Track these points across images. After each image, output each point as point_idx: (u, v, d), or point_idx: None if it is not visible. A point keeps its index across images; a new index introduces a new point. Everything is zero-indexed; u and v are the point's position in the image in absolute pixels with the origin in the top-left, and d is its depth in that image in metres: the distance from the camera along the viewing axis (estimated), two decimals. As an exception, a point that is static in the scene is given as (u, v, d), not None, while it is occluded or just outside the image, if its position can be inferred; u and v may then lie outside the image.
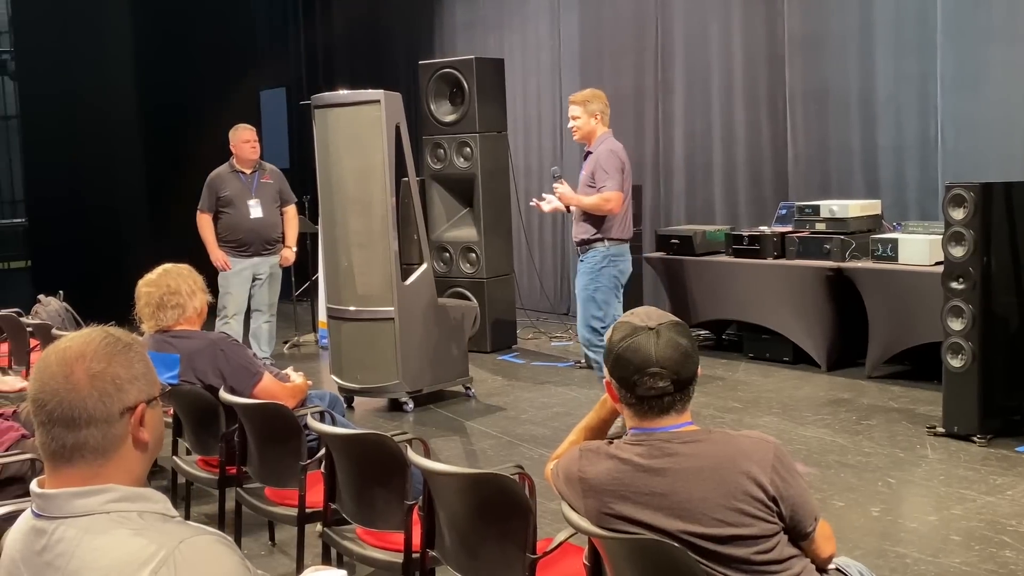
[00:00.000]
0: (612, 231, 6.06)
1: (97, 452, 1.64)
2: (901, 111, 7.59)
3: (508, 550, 2.77)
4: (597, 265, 6.04)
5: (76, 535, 1.60)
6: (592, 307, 6.09)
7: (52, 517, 1.63)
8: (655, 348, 2.24)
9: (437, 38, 11.88)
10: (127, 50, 11.22)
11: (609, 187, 5.96)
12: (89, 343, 1.68)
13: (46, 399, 1.63)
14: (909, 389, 6.75)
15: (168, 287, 4.29)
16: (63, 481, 1.65)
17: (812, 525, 2.30)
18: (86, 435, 1.63)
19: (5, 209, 20.11)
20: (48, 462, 1.66)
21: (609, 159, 5.99)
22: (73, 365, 1.64)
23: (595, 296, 6.08)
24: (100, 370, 1.65)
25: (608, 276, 6.07)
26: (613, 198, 5.95)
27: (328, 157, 6.75)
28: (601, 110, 6.12)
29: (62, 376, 1.64)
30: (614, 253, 6.08)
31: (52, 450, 1.65)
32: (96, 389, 1.64)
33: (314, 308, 9.47)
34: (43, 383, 1.65)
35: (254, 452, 3.95)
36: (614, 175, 5.96)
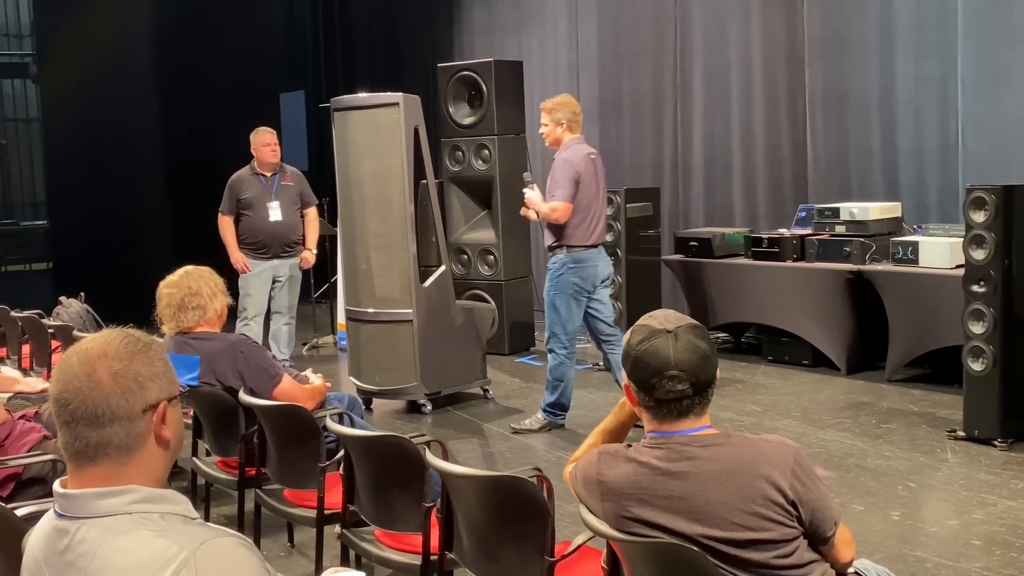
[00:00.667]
0: (572, 239, 5.99)
1: (121, 450, 1.65)
2: (921, 113, 7.55)
3: (526, 553, 2.77)
4: (557, 272, 6.04)
5: (98, 535, 1.61)
6: (552, 313, 6.11)
7: (75, 517, 1.64)
8: (673, 351, 2.24)
9: (456, 41, 11.90)
10: (148, 53, 11.29)
11: (557, 197, 5.93)
12: (110, 342, 1.69)
13: (69, 398, 1.65)
14: (929, 393, 6.71)
15: (189, 288, 4.31)
16: (86, 481, 1.66)
17: (832, 530, 2.29)
18: (110, 433, 1.64)
19: (27, 211, 20.25)
20: (71, 462, 1.67)
21: (562, 169, 5.95)
22: (95, 364, 1.66)
23: (555, 302, 6.08)
24: (122, 368, 1.66)
25: (566, 283, 6.01)
26: (559, 208, 5.91)
27: (347, 160, 6.77)
28: (568, 117, 6.06)
29: (85, 375, 1.65)
30: (573, 260, 6.01)
31: (76, 449, 1.66)
32: (119, 386, 1.65)
33: (333, 310, 9.50)
34: (66, 383, 1.66)
35: (273, 454, 3.96)
36: (563, 185, 5.92)
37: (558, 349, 6.12)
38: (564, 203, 5.91)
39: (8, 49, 20.22)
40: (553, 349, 6.15)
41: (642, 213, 7.78)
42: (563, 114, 6.07)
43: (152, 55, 11.31)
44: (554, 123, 6.07)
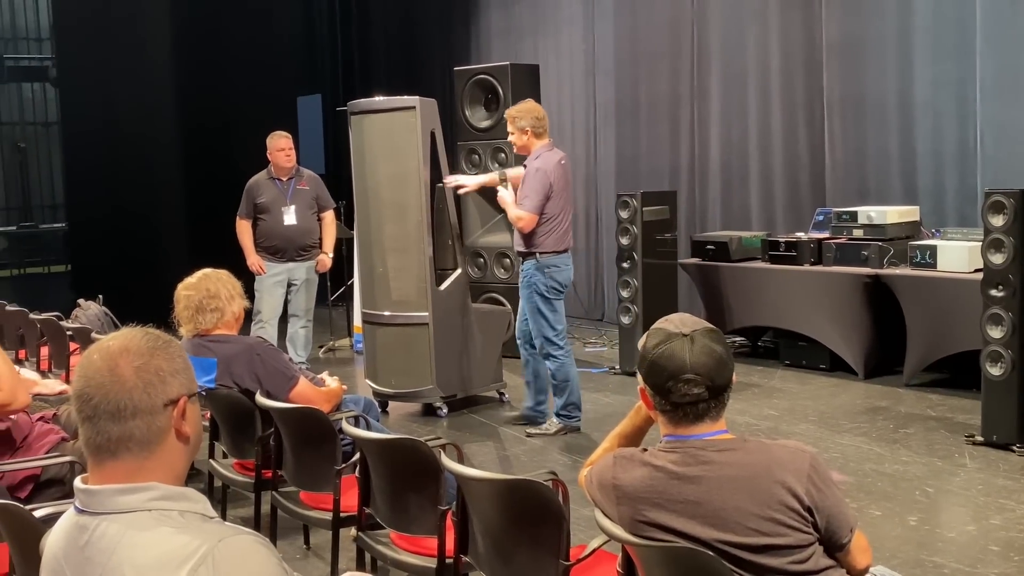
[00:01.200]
0: (543, 246, 6.04)
1: (142, 444, 1.67)
2: (940, 116, 7.52)
3: (541, 556, 2.76)
4: (532, 277, 6.07)
5: (119, 531, 1.63)
6: (540, 320, 6.11)
7: (95, 513, 1.66)
8: (689, 355, 2.23)
9: (473, 44, 11.92)
10: (166, 56, 11.34)
11: (525, 207, 5.96)
12: (131, 339, 1.72)
13: (92, 393, 1.67)
14: (947, 397, 6.68)
15: (208, 291, 4.33)
16: (107, 476, 1.68)
17: (848, 536, 2.28)
18: (132, 427, 1.66)
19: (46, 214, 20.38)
20: (92, 457, 1.69)
21: (534, 178, 5.98)
22: (117, 359, 1.68)
23: (538, 307, 6.09)
24: (143, 363, 1.69)
25: (545, 287, 6.07)
26: (524, 218, 5.95)
27: (364, 163, 6.79)
28: (532, 124, 6.06)
29: (107, 370, 1.67)
30: (547, 264, 6.06)
31: (97, 444, 1.67)
32: (141, 380, 1.67)
33: (349, 313, 9.51)
34: (88, 378, 1.68)
35: (289, 456, 3.97)
36: (533, 196, 5.95)
37: (555, 352, 6.14)
38: (531, 214, 5.96)
39: (28, 52, 20.36)
40: (550, 354, 6.15)
41: (658, 216, 7.76)
42: (526, 121, 6.07)
43: (170, 59, 11.36)
44: (519, 131, 6.08)
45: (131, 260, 10.91)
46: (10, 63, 19.67)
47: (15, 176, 20.46)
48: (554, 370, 6.18)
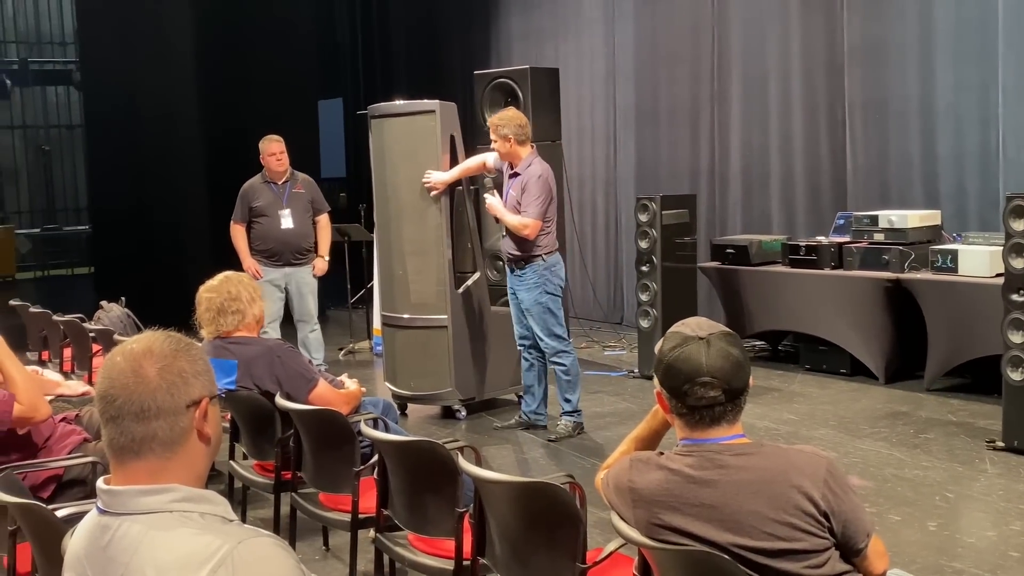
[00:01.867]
0: (544, 248, 6.12)
1: (165, 445, 1.70)
2: (961, 120, 7.48)
3: (558, 559, 2.77)
4: (540, 279, 6.12)
5: (141, 531, 1.65)
6: (550, 317, 6.16)
7: (117, 513, 1.68)
8: (706, 358, 2.24)
9: (493, 48, 11.95)
10: (189, 60, 11.41)
11: (530, 214, 6.01)
12: (154, 341, 1.75)
13: (116, 394, 1.69)
14: (969, 402, 6.65)
15: (229, 293, 4.36)
16: (130, 477, 1.70)
17: (864, 541, 2.27)
18: (155, 427, 1.69)
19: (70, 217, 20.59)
20: (115, 457, 1.71)
21: (536, 185, 6.03)
22: (141, 361, 1.71)
23: (549, 306, 6.15)
24: (167, 365, 1.71)
25: (552, 286, 6.16)
26: (531, 226, 6.00)
27: (384, 166, 6.82)
28: (514, 132, 6.09)
29: (131, 371, 1.70)
30: (551, 264, 6.16)
31: (121, 444, 1.70)
32: (165, 381, 1.70)
33: (369, 315, 9.54)
34: (112, 379, 1.71)
35: (309, 457, 3.99)
36: (537, 204, 6.00)
37: (566, 347, 6.23)
38: (536, 221, 6.02)
39: (52, 57, 20.55)
40: (561, 350, 6.21)
41: (678, 220, 7.76)
42: (509, 129, 6.09)
43: (193, 62, 11.43)
44: (502, 139, 6.10)
45: (154, 262, 10.98)
46: (35, 67, 19.90)
47: (39, 179, 20.67)
48: (568, 366, 6.22)
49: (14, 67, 19.72)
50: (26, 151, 20.63)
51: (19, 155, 20.51)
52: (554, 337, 6.18)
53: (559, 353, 6.20)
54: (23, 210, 20.45)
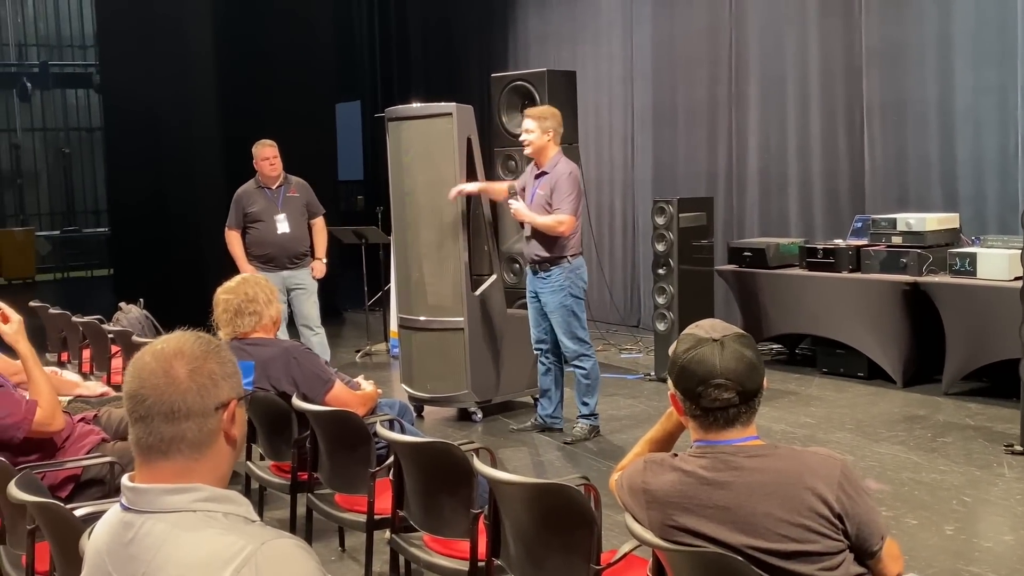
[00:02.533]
0: (569, 248, 6.10)
1: (193, 446, 1.71)
2: (980, 123, 7.45)
3: (572, 561, 2.78)
4: (565, 281, 6.09)
5: (164, 530, 1.66)
6: (573, 320, 6.15)
7: (141, 511, 1.70)
8: (719, 360, 2.24)
9: (511, 51, 11.96)
10: (208, 63, 11.46)
11: (564, 210, 5.96)
12: (184, 342, 1.76)
13: (146, 394, 1.70)
14: (987, 406, 6.61)
15: (246, 295, 4.38)
16: (156, 476, 1.71)
17: (879, 544, 2.27)
18: (184, 428, 1.70)
19: (89, 218, 20.71)
20: (142, 456, 1.72)
21: (568, 182, 5.99)
22: (172, 361, 1.72)
23: (573, 308, 6.14)
24: (198, 366, 1.72)
25: (577, 288, 6.16)
26: (567, 222, 5.95)
27: (401, 169, 6.84)
28: (555, 128, 6.08)
29: (162, 372, 1.71)
30: (576, 266, 6.14)
31: (148, 444, 1.71)
32: (195, 383, 1.71)
33: (386, 317, 9.57)
34: (142, 380, 1.72)
35: (325, 458, 4.01)
36: (570, 200, 5.96)
37: (588, 351, 6.21)
38: (571, 217, 5.98)
39: (72, 59, 20.68)
40: (584, 354, 6.19)
41: (695, 223, 7.75)
42: (552, 123, 6.08)
43: (211, 65, 11.48)
44: (542, 131, 6.04)
45: (173, 264, 11.03)
46: (55, 70, 20.03)
47: (59, 181, 20.80)
48: (588, 370, 6.21)
49: (35, 70, 19.86)
50: (46, 153, 20.77)
51: (39, 157, 20.65)
52: (576, 340, 6.17)
53: (580, 357, 6.19)
54: (43, 212, 20.58)
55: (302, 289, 7.58)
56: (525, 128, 6.12)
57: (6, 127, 20.30)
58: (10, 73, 19.98)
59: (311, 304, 7.66)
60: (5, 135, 20.30)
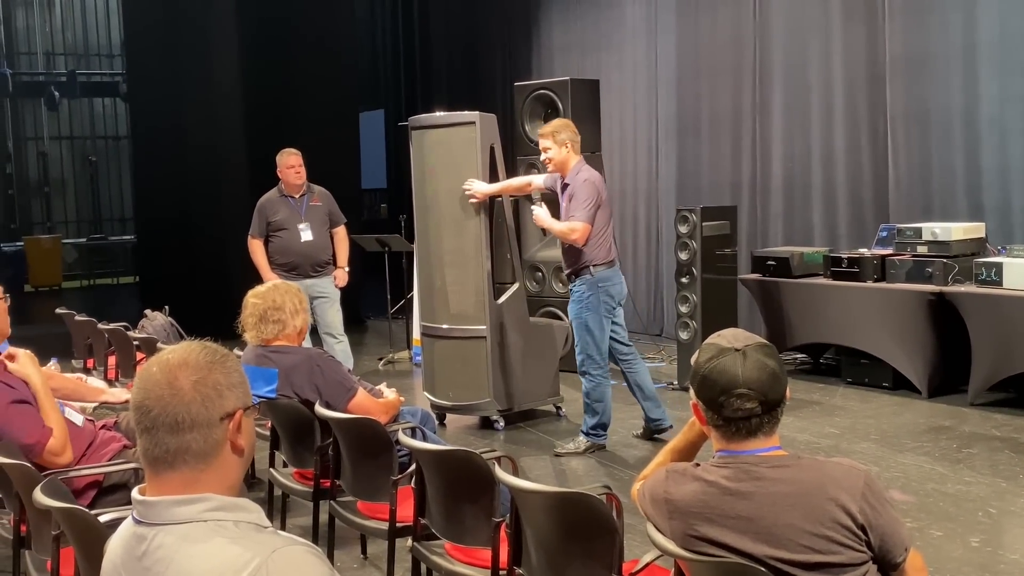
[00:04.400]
0: (595, 259, 6.00)
1: (199, 456, 1.71)
2: (1006, 132, 7.41)
3: (594, 570, 2.77)
4: (586, 294, 6.02)
5: (175, 542, 1.66)
6: (585, 335, 6.07)
7: (152, 524, 1.70)
8: (742, 369, 2.23)
9: (535, 60, 11.98)
10: (234, 73, 11.53)
11: (577, 218, 5.91)
12: (190, 353, 1.76)
13: (151, 405, 1.71)
14: (1014, 417, 6.56)
15: (274, 302, 4.41)
16: (164, 487, 1.72)
17: (902, 555, 2.25)
18: (189, 439, 1.70)
19: (115, 226, 20.88)
20: (150, 468, 1.73)
21: (584, 190, 5.94)
22: (176, 372, 1.72)
23: (588, 323, 6.04)
24: (202, 377, 1.72)
25: (598, 302, 6.02)
26: (579, 229, 5.89)
27: (424, 177, 6.86)
28: (571, 138, 6.05)
29: (166, 383, 1.71)
30: (601, 279, 6.02)
31: (155, 455, 1.71)
32: (199, 394, 1.71)
33: (409, 325, 9.59)
34: (147, 390, 1.72)
35: (347, 466, 4.02)
36: (584, 208, 5.91)
37: (593, 371, 6.11)
38: (584, 224, 5.91)
39: (99, 68, 20.87)
40: (588, 371, 6.12)
41: (719, 232, 7.73)
42: (565, 135, 6.05)
43: (237, 75, 11.55)
44: (559, 145, 6.02)
45: (198, 272, 11.09)
46: (82, 79, 20.22)
47: (86, 189, 20.98)
48: (590, 389, 6.14)
49: (62, 79, 20.05)
50: (73, 162, 20.96)
51: (66, 166, 20.84)
52: (587, 357, 6.09)
53: (583, 374, 6.14)
54: (70, 220, 20.75)
55: (325, 297, 7.59)
56: (542, 147, 6.13)
57: (34, 135, 20.51)
58: (38, 82, 20.18)
59: (334, 312, 7.67)
60: (33, 143, 20.50)
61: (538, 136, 6.19)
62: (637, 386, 6.34)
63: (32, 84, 20.17)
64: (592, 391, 6.15)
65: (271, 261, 7.55)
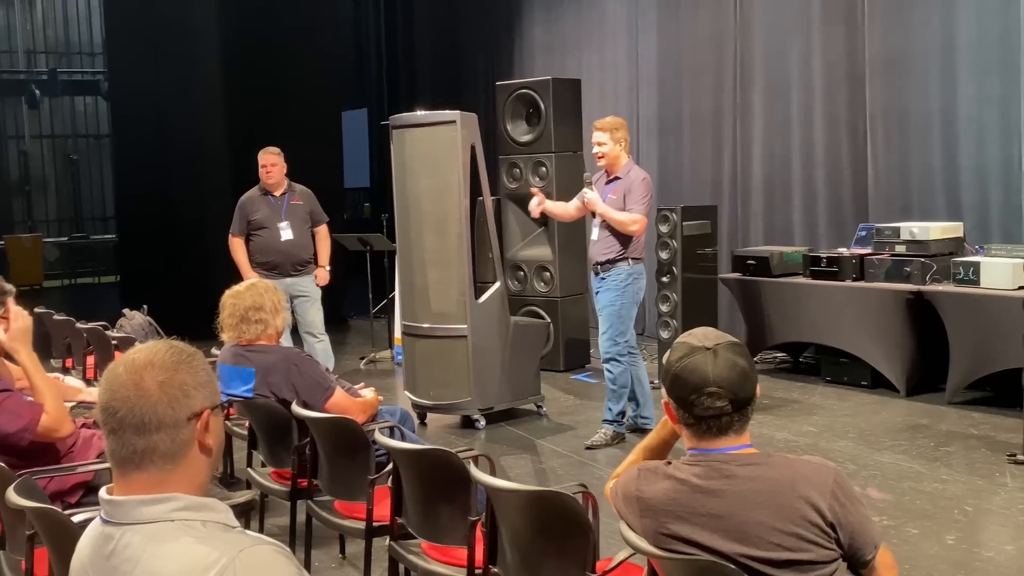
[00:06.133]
0: (635, 251, 6.21)
1: (166, 457, 1.70)
2: (984, 132, 7.46)
3: (568, 568, 2.78)
4: (623, 283, 6.17)
5: (142, 541, 1.66)
6: (618, 323, 6.20)
7: (119, 523, 1.69)
8: (712, 368, 2.25)
9: (516, 59, 11.99)
10: (215, 71, 11.51)
11: (638, 211, 6.10)
12: (156, 353, 1.75)
13: (117, 406, 1.70)
14: (990, 416, 6.60)
15: (254, 302, 4.39)
16: (132, 487, 1.71)
17: (872, 553, 2.27)
18: (156, 440, 1.69)
19: (97, 225, 20.80)
20: (117, 468, 1.72)
21: (642, 187, 6.16)
22: (142, 373, 1.71)
23: (621, 312, 6.20)
24: (168, 377, 1.71)
25: (631, 293, 6.21)
26: (640, 221, 6.11)
27: (405, 176, 6.85)
28: (625, 138, 6.27)
29: (132, 384, 1.70)
30: (636, 272, 6.22)
31: (122, 456, 1.70)
32: (166, 395, 1.70)
33: (390, 324, 9.59)
34: (113, 391, 1.71)
35: (325, 465, 4.02)
36: (643, 202, 6.14)
37: (621, 357, 6.22)
38: (644, 217, 6.15)
39: (80, 67, 20.78)
40: (616, 358, 6.21)
41: (699, 231, 7.75)
42: (622, 134, 6.26)
43: (219, 73, 11.52)
44: (615, 142, 6.20)
45: (180, 271, 11.06)
46: (63, 77, 20.13)
47: (67, 188, 20.89)
48: (617, 375, 6.23)
49: (43, 77, 19.95)
50: (54, 160, 20.87)
51: (47, 164, 20.75)
52: (613, 342, 6.20)
53: (611, 361, 6.22)
54: (51, 219, 20.66)
55: (305, 296, 7.58)
56: (597, 141, 6.25)
57: (15, 134, 20.41)
58: (19, 80, 20.09)
59: (315, 311, 7.66)
60: (13, 142, 20.40)
61: (593, 128, 6.30)
62: (637, 380, 6.43)
63: (13, 82, 20.07)
64: (620, 376, 6.25)
65: (252, 260, 7.52)
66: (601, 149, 6.22)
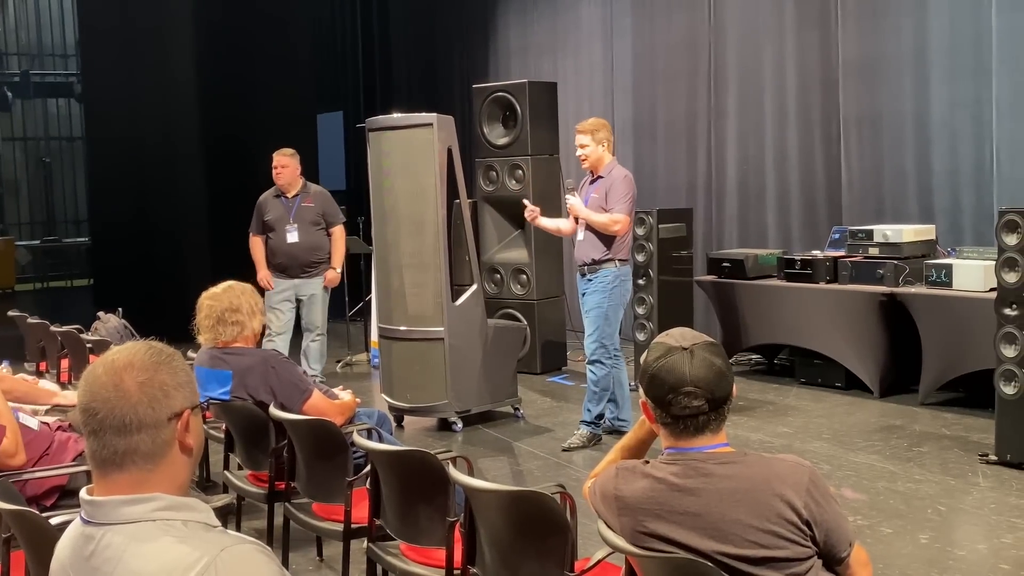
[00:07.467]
0: (620, 252, 6.23)
1: (147, 457, 1.70)
2: (956, 136, 7.53)
3: (547, 568, 2.79)
4: (609, 284, 6.19)
5: (123, 542, 1.66)
6: (604, 325, 6.22)
7: (100, 524, 1.69)
8: (689, 368, 2.27)
9: (492, 62, 12.01)
10: (189, 73, 11.47)
11: (619, 210, 6.12)
12: (135, 353, 1.75)
13: (97, 407, 1.69)
14: (963, 416, 6.67)
15: (231, 303, 4.37)
16: (112, 488, 1.71)
17: (847, 550, 2.30)
18: (137, 440, 1.69)
19: (70, 228, 20.66)
20: (98, 469, 1.72)
21: (623, 185, 6.18)
22: (122, 374, 1.71)
23: (608, 314, 6.21)
24: (148, 378, 1.72)
25: (619, 295, 6.23)
26: (622, 221, 6.13)
27: (381, 179, 6.86)
28: (607, 138, 6.28)
29: (112, 385, 1.70)
30: (623, 273, 6.25)
31: (103, 457, 1.70)
32: (146, 395, 1.70)
33: (367, 327, 9.58)
34: (93, 393, 1.71)
35: (302, 468, 4.01)
36: (625, 201, 6.15)
37: (605, 360, 6.24)
38: (627, 217, 6.16)
39: (53, 69, 20.64)
40: (600, 360, 6.24)
41: (675, 234, 7.79)
42: (604, 135, 6.28)
43: (193, 76, 11.48)
44: (596, 143, 6.23)
45: (154, 274, 11.02)
46: (36, 79, 19.99)
47: (40, 191, 20.73)
48: (600, 377, 6.25)
49: (15, 79, 19.81)
50: (27, 163, 20.71)
51: (19, 167, 20.59)
52: (599, 344, 6.21)
53: (596, 363, 6.24)
54: (23, 222, 20.51)
55: (312, 296, 7.74)
56: (579, 144, 6.27)
57: (-14, 136, 20.25)
58: (-9, 82, 19.95)
59: (316, 312, 7.80)
60: (-15, 144, 20.25)
61: (576, 131, 6.32)
62: (619, 383, 6.46)
63: (-16, 84, 19.92)
64: (602, 379, 6.26)
65: (267, 260, 7.66)
66: (583, 152, 6.25)
